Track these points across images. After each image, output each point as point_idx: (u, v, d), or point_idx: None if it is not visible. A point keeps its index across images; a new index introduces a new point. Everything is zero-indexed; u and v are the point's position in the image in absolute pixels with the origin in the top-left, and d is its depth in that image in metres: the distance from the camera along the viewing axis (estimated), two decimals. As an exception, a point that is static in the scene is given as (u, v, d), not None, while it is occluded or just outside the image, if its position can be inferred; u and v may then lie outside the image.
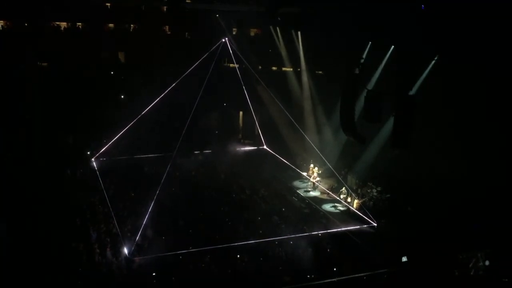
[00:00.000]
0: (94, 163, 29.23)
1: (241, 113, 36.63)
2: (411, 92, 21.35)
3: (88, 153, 30.13)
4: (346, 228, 23.12)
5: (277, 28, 32.77)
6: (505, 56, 18.79)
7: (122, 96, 34.54)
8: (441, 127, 23.32)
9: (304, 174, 29.59)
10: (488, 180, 21.13)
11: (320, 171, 28.62)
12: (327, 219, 24.40)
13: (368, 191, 26.50)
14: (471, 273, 19.33)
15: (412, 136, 19.70)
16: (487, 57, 19.30)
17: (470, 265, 19.52)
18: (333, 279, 18.82)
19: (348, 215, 24.93)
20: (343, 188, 26.62)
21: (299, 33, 31.38)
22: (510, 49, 18.42)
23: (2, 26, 32.22)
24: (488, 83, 20.18)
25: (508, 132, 20.24)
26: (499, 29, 18.62)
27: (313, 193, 27.91)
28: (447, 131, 23.02)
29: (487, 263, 19.40)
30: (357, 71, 22.56)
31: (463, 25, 19.29)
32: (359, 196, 25.99)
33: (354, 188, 27.11)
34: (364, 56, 23.79)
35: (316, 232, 22.28)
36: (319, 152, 27.70)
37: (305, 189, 28.28)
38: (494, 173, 21.04)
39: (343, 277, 18.91)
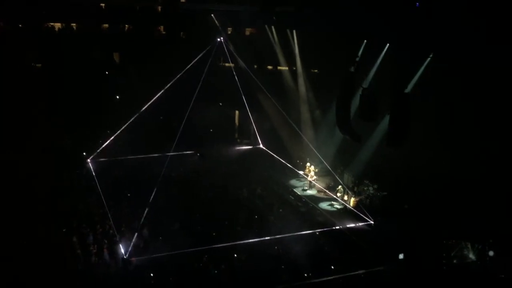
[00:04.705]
0: (90, 164, 29.16)
1: (237, 112, 36.62)
2: (407, 90, 21.41)
3: (84, 154, 30.05)
4: (343, 226, 23.17)
5: (272, 27, 32.76)
6: (500, 53, 18.83)
7: (117, 97, 34.46)
8: (437, 124, 23.35)
9: (301, 172, 29.61)
10: (486, 176, 21.18)
11: (316, 170, 28.65)
12: (324, 217, 24.42)
13: (365, 189, 26.53)
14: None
15: (407, 134, 19.77)
16: (482, 54, 19.33)
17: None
18: (330, 277, 18.86)
19: (345, 213, 24.96)
20: (340, 186, 26.65)
21: (294, 32, 31.39)
22: (505, 46, 18.45)
23: (-4, 27, 32.12)
24: (483, 79, 20.21)
25: (503, 127, 20.29)
26: (495, 26, 18.66)
27: (309, 192, 27.93)
28: (444, 128, 23.04)
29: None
30: (352, 70, 22.59)
31: (458, 22, 19.32)
32: (355, 194, 26.02)
33: (351, 186, 27.15)
34: (359, 54, 23.79)
35: (313, 231, 22.31)
36: (315, 151, 27.75)
37: (302, 188, 28.31)
38: (491, 169, 21.09)
39: (340, 275, 18.96)
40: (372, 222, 23.42)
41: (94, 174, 27.69)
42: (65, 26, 33.67)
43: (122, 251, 19.93)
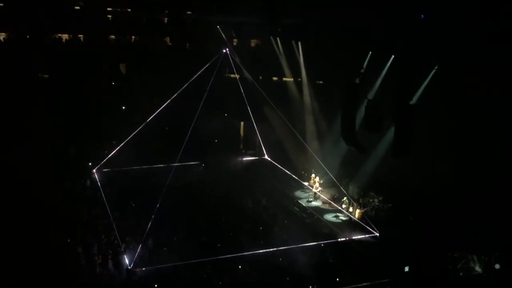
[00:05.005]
0: (96, 175, 29.24)
1: (242, 123, 36.67)
2: (412, 102, 21.43)
3: (90, 164, 30.14)
4: (348, 238, 23.06)
5: (278, 39, 32.93)
6: (504, 64, 18.86)
7: (123, 107, 34.62)
8: (443, 136, 23.28)
9: (306, 184, 29.56)
10: (492, 188, 21.08)
11: (321, 181, 28.59)
12: (329, 229, 24.34)
13: (370, 200, 26.42)
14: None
15: (413, 145, 19.73)
16: (486, 65, 19.36)
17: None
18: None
19: (350, 225, 24.85)
20: (345, 198, 26.56)
21: (299, 43, 31.52)
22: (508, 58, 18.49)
23: (4, 38, 32.39)
24: (490, 89, 20.20)
25: (507, 137, 20.24)
26: (498, 38, 18.70)
27: (314, 203, 27.84)
28: (449, 139, 22.97)
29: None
30: (357, 81, 22.65)
31: (463, 35, 19.36)
32: (361, 206, 25.92)
33: (356, 197, 27.05)
34: (364, 66, 23.84)
35: (318, 242, 22.22)
36: (320, 162, 27.70)
37: (307, 199, 28.23)
38: (497, 180, 20.99)
39: (345, 287, 18.83)
40: (378, 234, 23.29)
41: (99, 184, 27.75)
42: (72, 37, 33.93)
43: (127, 261, 19.90)
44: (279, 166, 31.70)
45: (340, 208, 26.58)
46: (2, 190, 24.36)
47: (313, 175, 28.99)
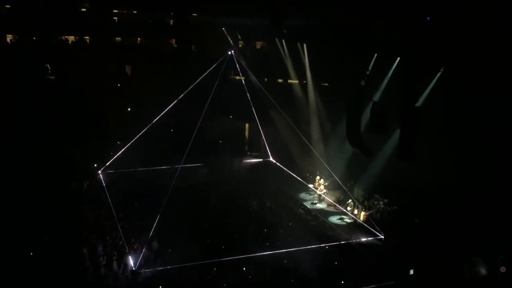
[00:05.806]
0: (101, 176, 29.31)
1: (247, 125, 36.70)
2: (417, 104, 21.34)
3: (95, 165, 30.22)
4: (353, 240, 23.01)
5: (283, 41, 32.93)
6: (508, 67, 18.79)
7: (129, 109, 34.71)
8: (448, 138, 23.19)
9: (311, 186, 29.52)
10: (497, 191, 20.97)
11: (326, 183, 28.54)
12: (334, 231, 24.30)
13: (375, 203, 26.36)
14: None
15: (418, 148, 19.65)
16: (491, 69, 19.29)
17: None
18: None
19: (355, 227, 24.80)
20: (350, 200, 26.51)
21: (304, 45, 31.51)
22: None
23: (11, 40, 32.57)
24: (494, 92, 20.10)
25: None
26: (504, 40, 18.65)
27: (319, 205, 27.80)
28: (454, 142, 22.87)
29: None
30: (363, 83, 22.60)
31: (468, 37, 19.31)
32: (365, 208, 25.85)
33: (361, 200, 26.99)
34: (370, 68, 23.78)
35: (323, 244, 22.19)
36: (325, 164, 27.66)
37: (312, 201, 28.19)
38: (502, 183, 20.88)
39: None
40: (382, 237, 23.24)
41: (104, 185, 27.82)
42: (78, 39, 34.09)
43: (131, 262, 19.94)
44: (284, 168, 31.67)
45: (345, 210, 26.53)
46: (7, 191, 24.52)
47: (318, 177, 28.95)
